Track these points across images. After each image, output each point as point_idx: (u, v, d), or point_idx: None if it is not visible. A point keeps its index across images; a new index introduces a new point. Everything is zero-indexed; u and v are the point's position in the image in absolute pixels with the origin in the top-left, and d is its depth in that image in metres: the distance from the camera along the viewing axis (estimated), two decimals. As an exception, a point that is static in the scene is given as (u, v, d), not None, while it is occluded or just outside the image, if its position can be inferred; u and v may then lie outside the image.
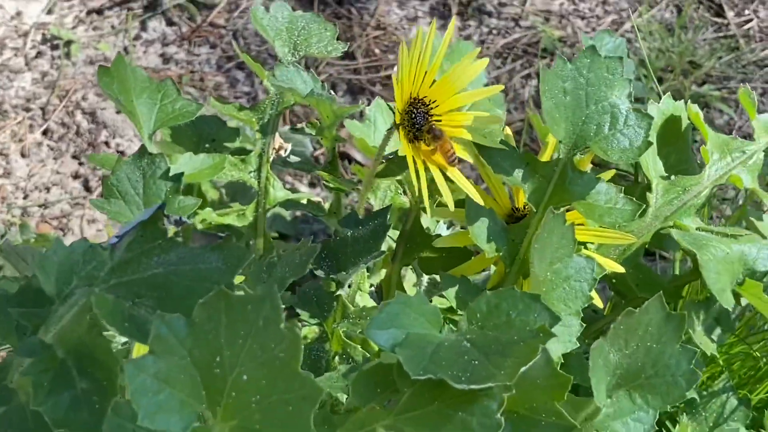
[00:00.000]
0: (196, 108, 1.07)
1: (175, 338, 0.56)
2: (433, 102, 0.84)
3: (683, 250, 0.93)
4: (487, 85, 1.60)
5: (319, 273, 0.86)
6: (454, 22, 0.80)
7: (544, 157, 0.90)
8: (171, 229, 0.70)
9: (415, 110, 0.83)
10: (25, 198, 1.59)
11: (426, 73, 0.83)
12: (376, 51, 1.83)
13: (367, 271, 1.05)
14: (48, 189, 1.60)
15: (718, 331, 0.96)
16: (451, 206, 0.81)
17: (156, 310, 0.60)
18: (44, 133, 1.69)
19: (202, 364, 0.56)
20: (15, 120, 1.70)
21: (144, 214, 0.67)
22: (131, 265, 0.66)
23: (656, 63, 1.76)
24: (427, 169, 0.83)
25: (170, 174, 0.99)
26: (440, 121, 0.84)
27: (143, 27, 1.88)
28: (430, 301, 0.71)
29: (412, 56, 0.80)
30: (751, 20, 1.95)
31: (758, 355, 1.04)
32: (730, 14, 1.95)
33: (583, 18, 1.93)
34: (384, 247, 0.99)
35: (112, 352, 0.65)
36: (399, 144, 0.83)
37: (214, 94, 1.78)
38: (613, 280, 0.96)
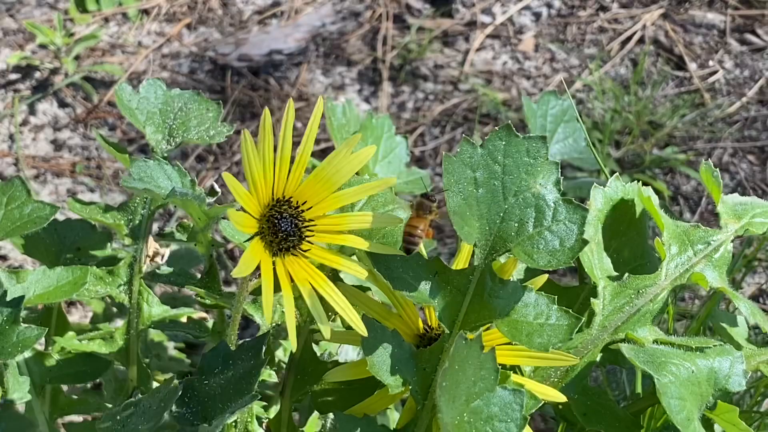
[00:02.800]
0: (50, 212, 0.95)
1: None
2: (303, 203, 0.71)
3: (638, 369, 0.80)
4: (411, 164, 1.48)
5: (180, 423, 0.72)
6: (322, 100, 0.68)
7: (459, 264, 0.77)
8: None
9: (278, 214, 0.70)
10: None
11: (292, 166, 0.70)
12: (298, 125, 1.70)
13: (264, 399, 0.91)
14: None
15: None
16: (326, 335, 0.68)
17: None
18: None
19: None
20: None
21: None
22: None
23: (612, 125, 1.65)
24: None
25: (9, 297, 0.87)
26: (314, 226, 0.72)
27: (32, 110, 1.75)
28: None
29: (262, 148, 0.67)
30: (715, 72, 1.85)
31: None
32: (692, 66, 1.86)
33: (528, 78, 1.82)
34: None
35: None
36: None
37: (113, 183, 1.64)
38: (560, 406, 0.82)
